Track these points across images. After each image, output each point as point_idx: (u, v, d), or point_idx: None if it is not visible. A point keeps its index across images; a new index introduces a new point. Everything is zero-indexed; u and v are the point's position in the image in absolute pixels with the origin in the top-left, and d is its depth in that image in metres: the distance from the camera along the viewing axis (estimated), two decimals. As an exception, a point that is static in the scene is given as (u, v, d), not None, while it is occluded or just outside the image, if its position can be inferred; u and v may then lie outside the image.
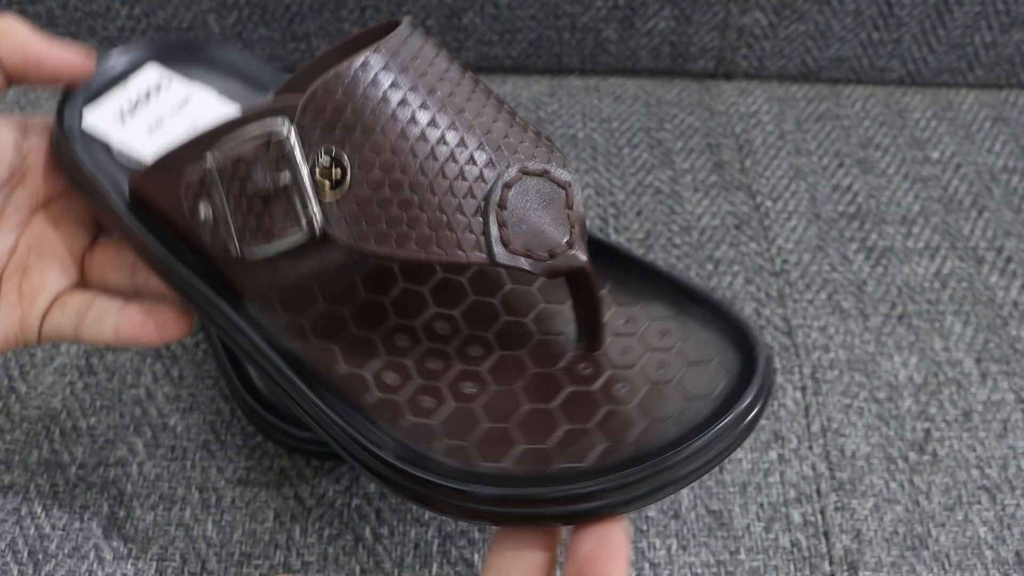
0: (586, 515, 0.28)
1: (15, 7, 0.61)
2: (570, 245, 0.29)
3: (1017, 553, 0.41)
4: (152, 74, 0.40)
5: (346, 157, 0.29)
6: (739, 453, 0.44)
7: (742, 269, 0.52)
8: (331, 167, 0.30)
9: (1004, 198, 0.56)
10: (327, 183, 0.30)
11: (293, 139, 0.30)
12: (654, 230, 0.54)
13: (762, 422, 0.45)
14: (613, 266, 0.35)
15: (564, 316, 0.34)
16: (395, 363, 0.32)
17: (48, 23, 0.62)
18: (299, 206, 0.30)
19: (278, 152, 0.30)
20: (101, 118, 0.38)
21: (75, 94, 0.38)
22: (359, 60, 0.30)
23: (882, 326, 0.50)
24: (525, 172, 0.30)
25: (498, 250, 0.29)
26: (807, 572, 0.41)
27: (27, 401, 0.46)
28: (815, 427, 0.45)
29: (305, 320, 0.33)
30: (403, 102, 0.30)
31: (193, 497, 0.43)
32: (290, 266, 0.32)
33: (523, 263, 0.29)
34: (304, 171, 0.30)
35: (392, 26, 0.32)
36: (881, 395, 0.47)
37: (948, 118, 0.62)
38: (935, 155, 0.59)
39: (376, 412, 0.31)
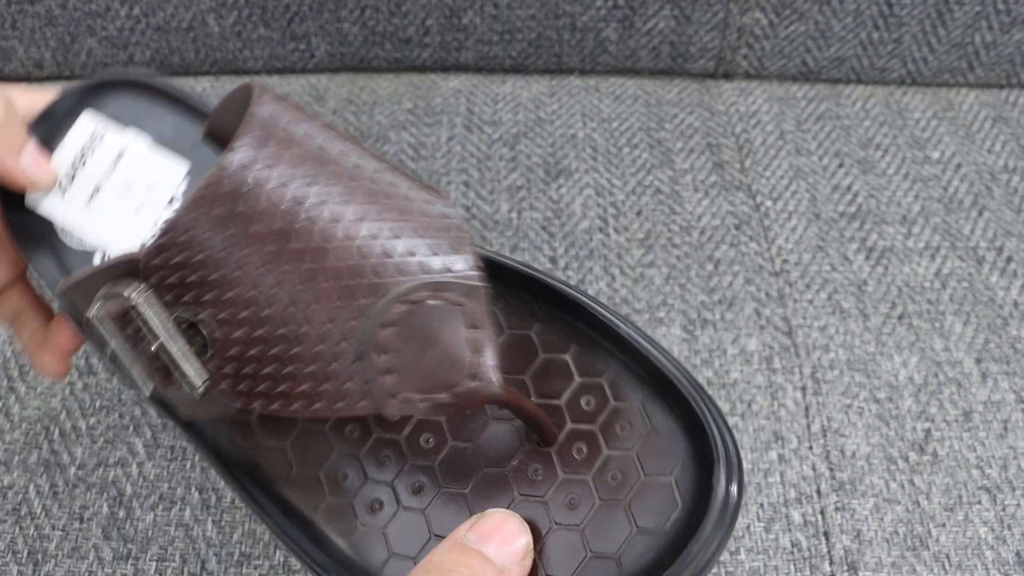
0: None
1: (14, 7, 0.61)
2: (473, 376, 0.25)
3: (1018, 553, 0.41)
4: (88, 124, 0.37)
5: (205, 319, 0.26)
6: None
7: (742, 269, 0.52)
8: (191, 331, 0.27)
9: (1004, 198, 0.56)
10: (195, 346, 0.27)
11: (145, 308, 0.27)
12: (654, 230, 0.54)
13: (762, 422, 0.45)
14: (582, 322, 0.31)
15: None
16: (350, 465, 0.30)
17: (48, 23, 0.62)
18: (177, 370, 0.28)
19: (136, 319, 0.27)
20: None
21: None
22: (193, 216, 0.26)
23: (882, 326, 0.50)
24: (406, 302, 0.25)
25: (384, 401, 0.25)
26: (807, 572, 0.41)
27: (27, 402, 0.46)
28: (815, 427, 0.45)
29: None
30: (254, 237, 0.26)
31: (193, 497, 0.43)
32: (206, 407, 0.28)
33: (417, 409, 0.25)
34: (164, 334, 0.27)
35: (244, 91, 0.29)
36: (881, 395, 0.47)
37: (948, 118, 0.62)
38: (935, 155, 0.59)
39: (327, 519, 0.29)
